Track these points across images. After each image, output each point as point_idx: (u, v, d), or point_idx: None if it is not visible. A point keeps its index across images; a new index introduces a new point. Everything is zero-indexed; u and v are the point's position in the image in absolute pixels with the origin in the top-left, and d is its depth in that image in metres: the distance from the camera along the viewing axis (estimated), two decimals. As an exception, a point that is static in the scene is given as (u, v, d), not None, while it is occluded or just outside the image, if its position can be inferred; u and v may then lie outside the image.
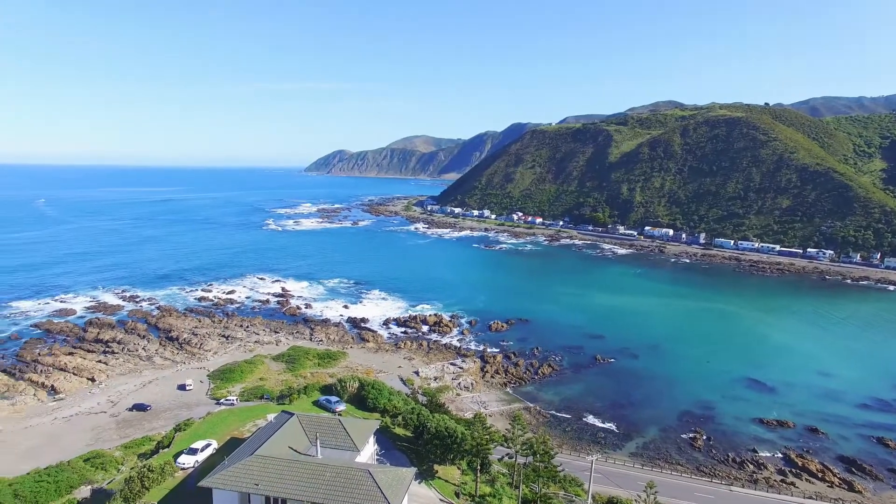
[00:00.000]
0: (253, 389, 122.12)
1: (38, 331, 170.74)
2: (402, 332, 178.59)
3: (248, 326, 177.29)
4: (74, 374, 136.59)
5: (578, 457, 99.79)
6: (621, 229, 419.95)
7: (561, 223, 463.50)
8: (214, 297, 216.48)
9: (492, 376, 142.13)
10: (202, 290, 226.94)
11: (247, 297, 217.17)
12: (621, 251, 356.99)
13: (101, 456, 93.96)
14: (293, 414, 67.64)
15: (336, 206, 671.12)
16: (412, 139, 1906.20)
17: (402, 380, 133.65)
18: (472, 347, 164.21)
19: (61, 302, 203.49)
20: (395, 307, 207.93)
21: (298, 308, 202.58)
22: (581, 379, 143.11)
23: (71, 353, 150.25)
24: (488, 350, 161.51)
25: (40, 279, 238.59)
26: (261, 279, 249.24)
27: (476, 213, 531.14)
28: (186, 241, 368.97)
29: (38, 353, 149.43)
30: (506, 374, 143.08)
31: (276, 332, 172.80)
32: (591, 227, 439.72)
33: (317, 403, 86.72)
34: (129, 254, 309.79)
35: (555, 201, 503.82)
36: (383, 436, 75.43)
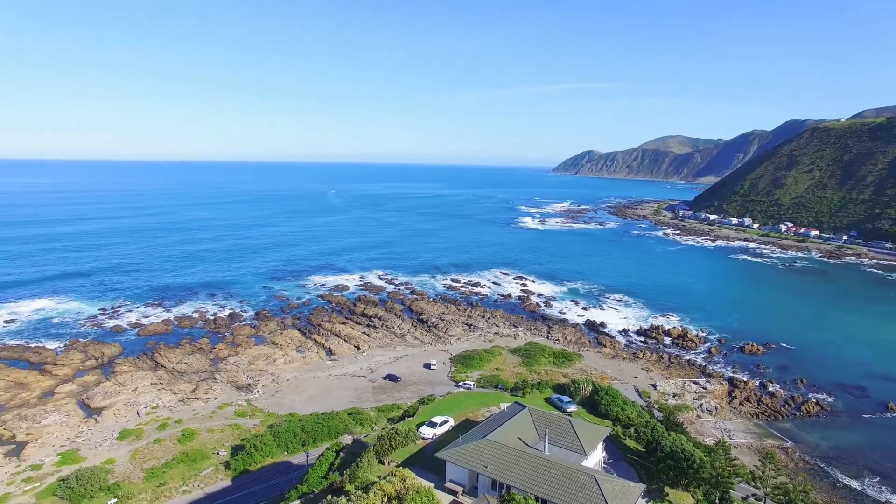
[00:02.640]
0: (489, 377, 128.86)
1: (322, 301, 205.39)
2: (641, 342, 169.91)
3: (489, 318, 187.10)
4: (345, 340, 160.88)
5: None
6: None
7: (845, 237, 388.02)
8: (461, 286, 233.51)
9: (741, 403, 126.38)
10: (451, 279, 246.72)
11: (490, 290, 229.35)
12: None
13: (360, 413, 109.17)
14: (525, 406, 69.33)
15: (582, 206, 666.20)
16: (666, 139, 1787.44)
17: (637, 391, 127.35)
18: (720, 369, 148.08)
19: (340, 279, 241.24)
20: (635, 315, 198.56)
21: (538, 305, 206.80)
22: (862, 427, 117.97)
23: (343, 323, 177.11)
24: (739, 374, 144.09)
25: (327, 259, 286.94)
26: (504, 274, 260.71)
27: (735, 220, 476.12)
28: (442, 234, 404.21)
29: (322, 320, 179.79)
30: (758, 404, 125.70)
31: (514, 326, 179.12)
32: (888, 245, 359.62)
33: (548, 400, 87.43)
34: (394, 242, 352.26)
35: (838, 211, 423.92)
36: (612, 445, 72.83)
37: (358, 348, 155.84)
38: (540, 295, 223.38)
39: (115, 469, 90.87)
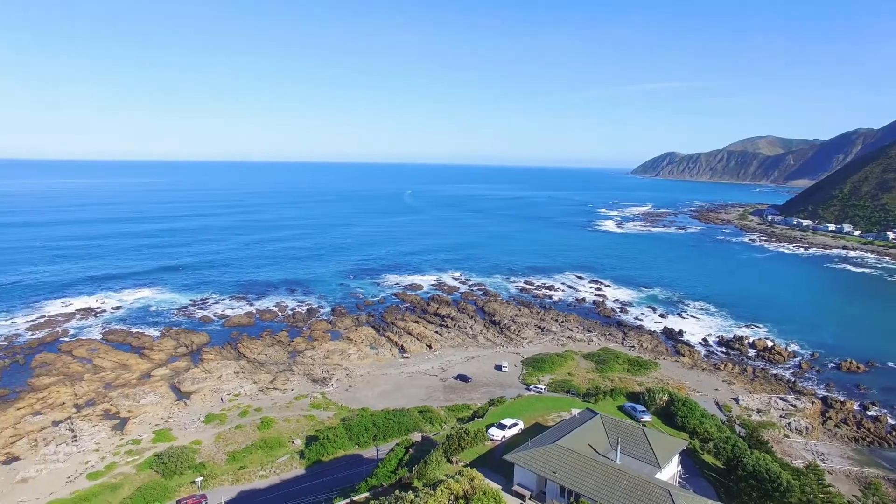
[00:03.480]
0: (561, 382, 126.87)
1: (397, 299, 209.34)
2: (722, 352, 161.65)
3: (562, 321, 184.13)
4: (418, 339, 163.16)
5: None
6: None
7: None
8: (535, 289, 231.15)
9: (836, 425, 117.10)
10: (525, 281, 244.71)
11: (564, 294, 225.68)
12: None
13: (430, 411, 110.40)
14: (597, 413, 67.87)
15: (662, 210, 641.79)
16: (754, 140, 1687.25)
17: (717, 404, 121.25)
18: (811, 386, 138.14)
19: (414, 278, 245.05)
20: (717, 324, 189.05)
21: (613, 311, 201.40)
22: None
23: (417, 322, 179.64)
24: (834, 393, 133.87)
25: (403, 258, 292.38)
26: (579, 278, 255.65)
27: (832, 227, 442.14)
28: (517, 235, 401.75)
29: (395, 318, 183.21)
30: (858, 428, 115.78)
31: (588, 331, 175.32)
32: None
33: (622, 409, 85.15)
34: (468, 243, 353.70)
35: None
36: (689, 459, 69.89)
37: (430, 347, 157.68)
38: (616, 300, 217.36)
39: (202, 450, 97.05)
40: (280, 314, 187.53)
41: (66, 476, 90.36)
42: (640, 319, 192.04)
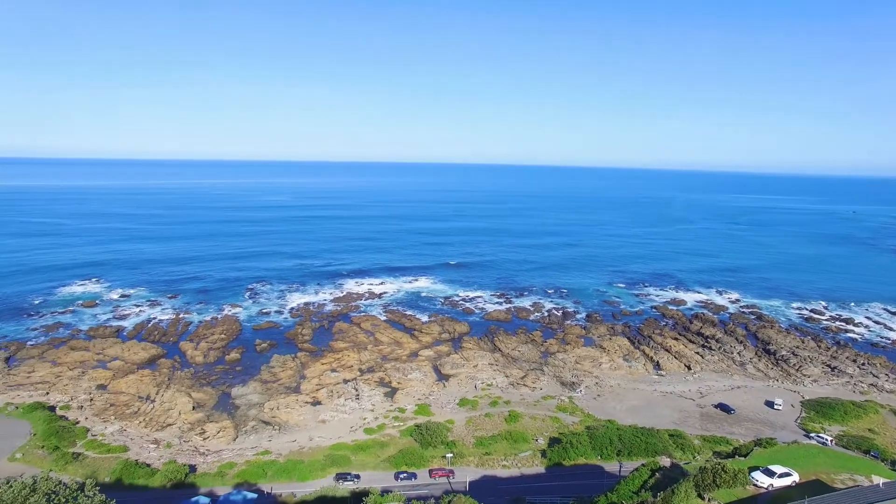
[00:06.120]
0: (856, 437, 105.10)
1: (656, 313, 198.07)
2: None
3: (863, 364, 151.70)
4: (675, 357, 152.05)
5: None
6: None
7: None
8: (825, 320, 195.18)
9: None
10: (811, 310, 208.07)
11: (868, 330, 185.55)
12: None
13: (683, 437, 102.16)
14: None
15: None
16: None
17: None
18: None
19: (677, 293, 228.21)
20: None
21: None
22: None
23: (676, 339, 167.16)
24: None
25: (666, 270, 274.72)
26: (892, 313, 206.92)
27: None
28: (806, 255, 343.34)
29: (653, 332, 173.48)
30: None
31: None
32: None
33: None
34: (744, 260, 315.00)
35: None
36: None
37: (689, 368, 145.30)
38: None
39: (454, 429, 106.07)
40: (536, 314, 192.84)
41: (350, 426, 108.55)
42: None
